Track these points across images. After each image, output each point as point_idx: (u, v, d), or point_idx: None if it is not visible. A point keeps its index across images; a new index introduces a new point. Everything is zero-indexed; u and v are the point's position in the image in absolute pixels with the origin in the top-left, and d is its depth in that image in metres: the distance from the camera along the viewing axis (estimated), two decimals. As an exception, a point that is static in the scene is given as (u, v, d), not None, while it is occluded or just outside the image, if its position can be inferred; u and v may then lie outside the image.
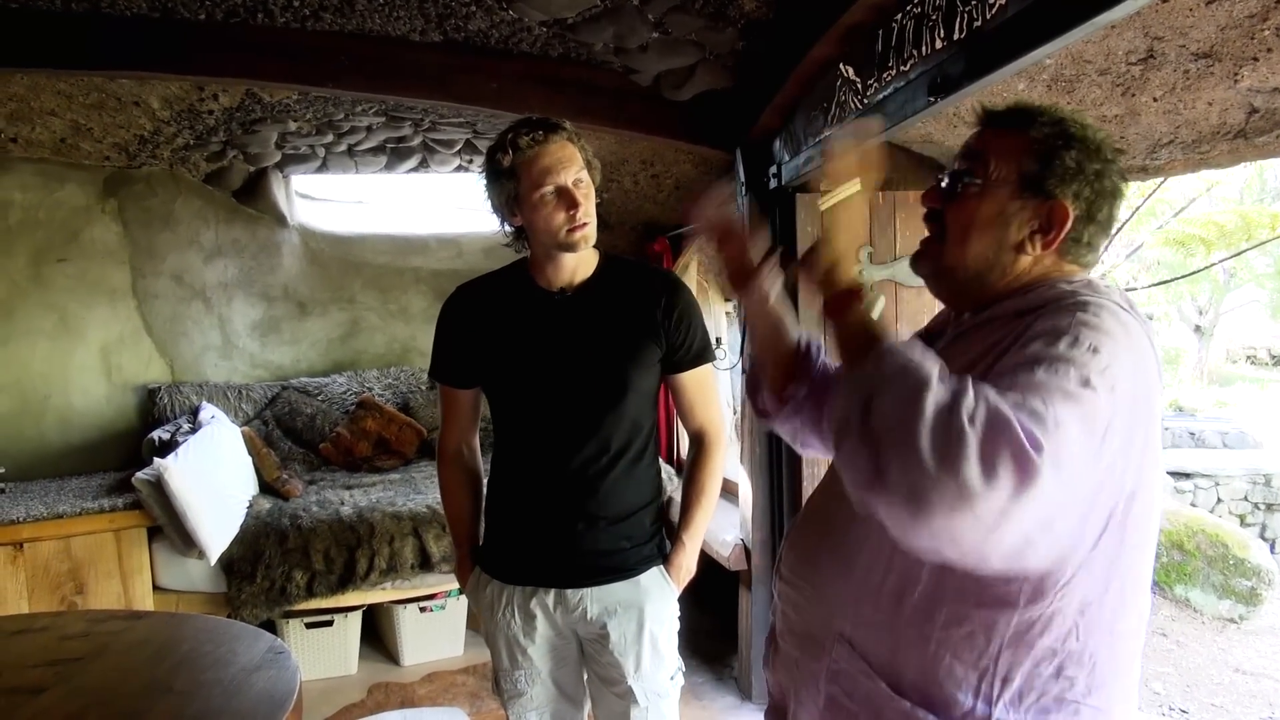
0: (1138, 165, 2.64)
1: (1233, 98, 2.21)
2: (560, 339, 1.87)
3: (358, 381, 4.98)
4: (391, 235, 5.40)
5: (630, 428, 1.90)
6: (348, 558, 3.58)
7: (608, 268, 1.95)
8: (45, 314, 4.32)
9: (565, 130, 1.83)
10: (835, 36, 2.18)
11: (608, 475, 1.88)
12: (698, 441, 2.04)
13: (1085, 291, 1.13)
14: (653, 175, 4.41)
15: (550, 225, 1.80)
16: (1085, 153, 1.17)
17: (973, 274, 1.25)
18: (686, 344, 1.95)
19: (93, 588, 3.48)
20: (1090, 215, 1.18)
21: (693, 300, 1.98)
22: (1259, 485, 7.45)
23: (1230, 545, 5.92)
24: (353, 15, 2.66)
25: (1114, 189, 1.19)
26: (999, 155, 1.21)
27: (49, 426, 4.33)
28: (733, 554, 3.53)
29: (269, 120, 3.99)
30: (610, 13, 2.54)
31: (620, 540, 1.90)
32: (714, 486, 2.03)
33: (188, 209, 4.66)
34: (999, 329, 1.16)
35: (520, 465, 1.95)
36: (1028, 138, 1.20)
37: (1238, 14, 1.88)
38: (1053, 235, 1.18)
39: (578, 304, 1.90)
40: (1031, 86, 2.44)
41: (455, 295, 2.00)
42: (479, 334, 1.93)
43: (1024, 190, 1.19)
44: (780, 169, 2.98)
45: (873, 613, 1.19)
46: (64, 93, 3.54)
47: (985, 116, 1.26)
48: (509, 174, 1.80)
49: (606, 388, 1.87)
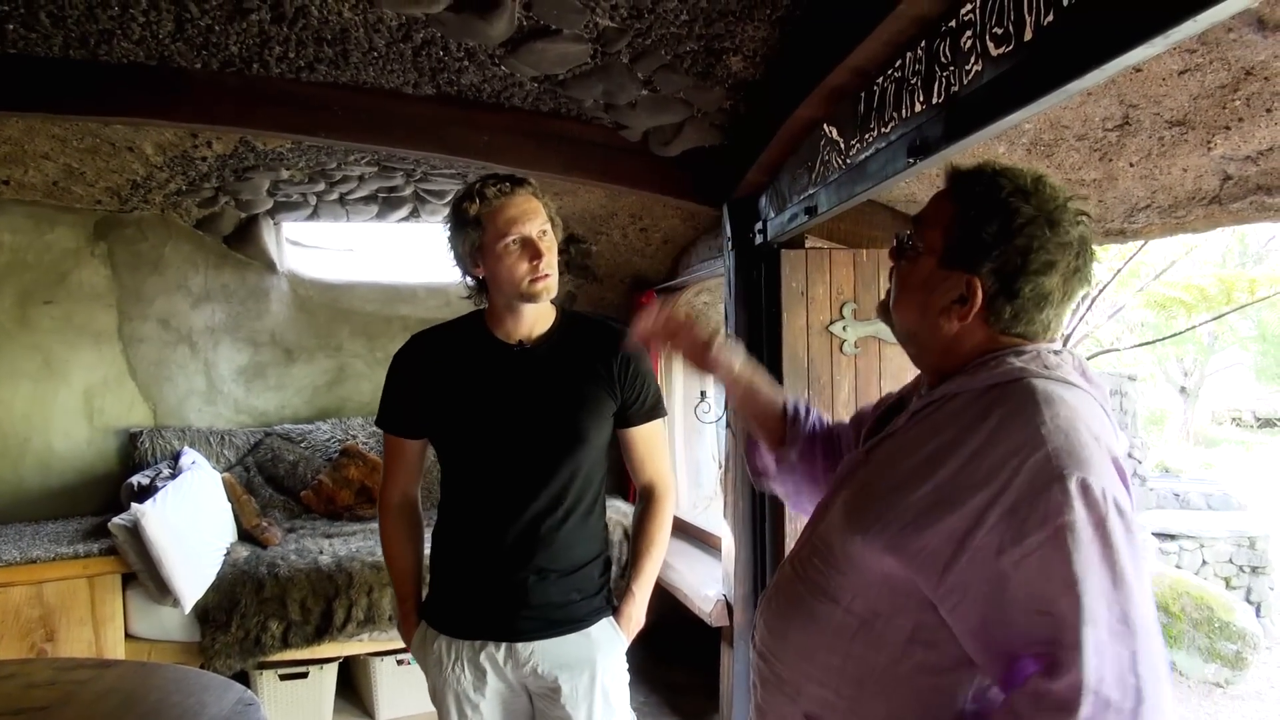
0: (1116, 228, 2.69)
1: (1207, 164, 2.26)
2: (518, 390, 1.89)
3: (342, 429, 4.95)
4: (380, 283, 5.41)
5: (584, 480, 1.92)
6: (325, 607, 3.54)
7: (565, 322, 1.98)
8: (29, 356, 4.30)
9: (531, 185, 1.88)
10: (819, 98, 2.23)
11: (561, 527, 1.89)
12: (648, 494, 2.09)
13: (1032, 370, 1.14)
14: (641, 229, 4.45)
15: (513, 275, 1.82)
16: (1008, 227, 1.15)
17: (907, 335, 1.29)
18: (640, 399, 1.98)
19: (63, 635, 3.42)
20: (1009, 291, 1.16)
21: (647, 356, 2.01)
22: (1244, 548, 7.44)
23: (1216, 608, 5.90)
24: (347, 67, 2.70)
25: (1046, 264, 1.15)
26: (933, 223, 1.23)
27: (28, 469, 4.29)
28: (715, 610, 3.50)
29: (262, 168, 4.03)
30: (600, 70, 2.59)
31: (571, 592, 1.91)
32: (663, 538, 2.07)
33: (178, 253, 4.67)
34: (953, 419, 1.16)
35: (471, 517, 1.94)
36: (956, 206, 1.20)
37: (1209, 84, 1.93)
38: (966, 309, 1.18)
39: (535, 356, 1.92)
40: (1011, 149, 2.49)
41: (410, 344, 2.01)
42: (433, 384, 1.93)
43: (945, 260, 1.20)
44: (766, 225, 3.02)
45: (835, 698, 1.21)
46: (59, 137, 3.57)
47: (946, 177, 1.27)
48: (474, 223, 1.83)
49: (563, 439, 1.89)
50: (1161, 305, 10.39)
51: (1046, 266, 1.15)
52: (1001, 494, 1.04)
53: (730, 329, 3.27)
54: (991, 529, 1.04)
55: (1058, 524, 1.00)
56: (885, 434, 1.29)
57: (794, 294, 3.08)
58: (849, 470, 1.35)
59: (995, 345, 1.20)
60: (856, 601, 1.19)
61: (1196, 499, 9.60)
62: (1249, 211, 2.35)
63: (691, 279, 4.43)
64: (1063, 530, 1.00)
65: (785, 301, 3.07)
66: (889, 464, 1.23)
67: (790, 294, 3.07)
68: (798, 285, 3.08)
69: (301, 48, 2.56)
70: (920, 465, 1.15)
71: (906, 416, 1.26)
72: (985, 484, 1.06)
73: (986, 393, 1.15)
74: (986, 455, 1.08)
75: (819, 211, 2.47)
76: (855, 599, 1.20)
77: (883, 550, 1.14)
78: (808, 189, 2.52)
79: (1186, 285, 9.91)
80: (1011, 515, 1.03)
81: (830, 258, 3.12)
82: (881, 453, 1.27)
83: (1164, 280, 9.42)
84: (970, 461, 1.09)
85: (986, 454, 1.08)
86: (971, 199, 1.19)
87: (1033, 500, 1.02)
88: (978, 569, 1.05)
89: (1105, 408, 1.15)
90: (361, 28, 2.42)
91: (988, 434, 1.09)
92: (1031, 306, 1.18)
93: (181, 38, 2.50)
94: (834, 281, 3.12)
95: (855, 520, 1.21)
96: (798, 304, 3.08)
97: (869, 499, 1.21)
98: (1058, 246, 1.16)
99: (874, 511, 1.18)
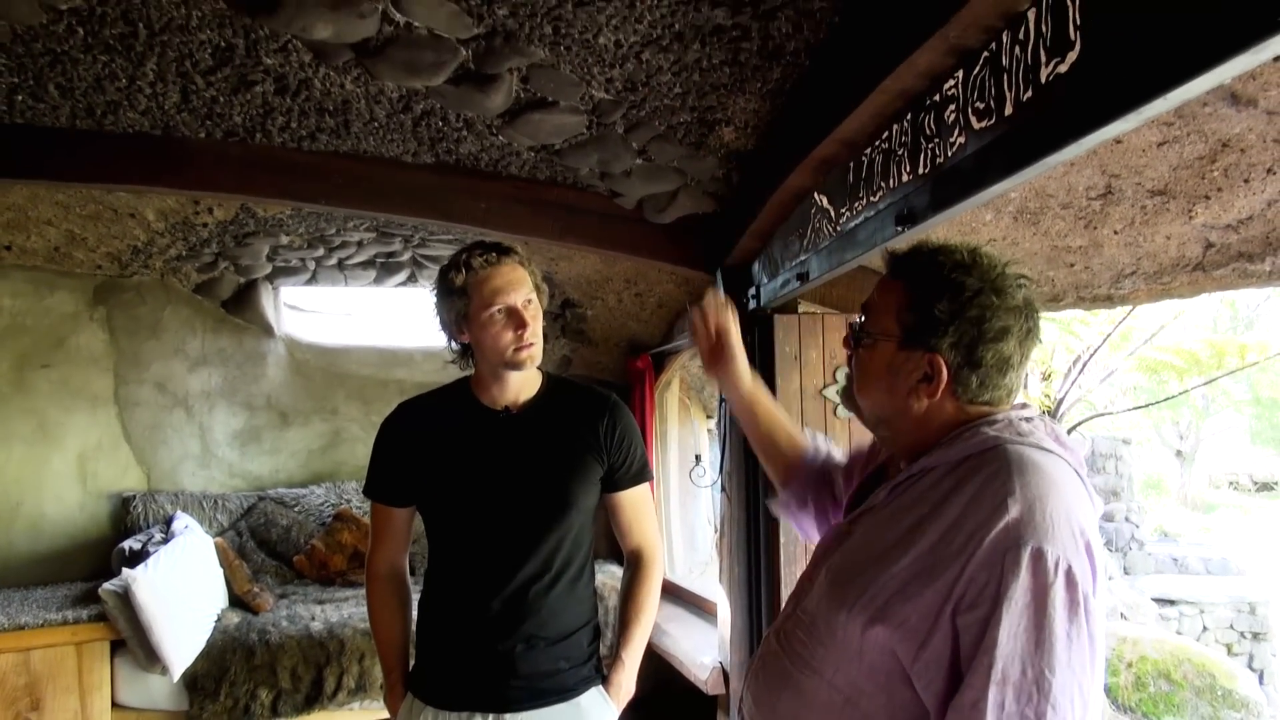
0: (1103, 294, 2.73)
1: (1189, 232, 2.31)
2: (504, 457, 1.89)
3: (336, 493, 4.93)
4: (377, 347, 5.44)
5: (572, 545, 1.91)
6: (316, 675, 3.49)
7: (551, 387, 2.00)
8: (24, 419, 4.30)
9: (517, 254, 1.90)
10: (809, 168, 2.28)
11: (549, 594, 1.88)
12: (635, 560, 2.07)
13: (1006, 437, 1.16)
14: (636, 294, 4.50)
15: (498, 344, 1.84)
16: (958, 301, 1.19)
17: (877, 419, 1.32)
18: (627, 463, 1.99)
19: (49, 704, 3.37)
20: (972, 361, 1.20)
21: (633, 421, 2.03)
22: (1244, 614, 7.38)
23: (1218, 675, 5.83)
24: (348, 137, 2.76)
25: (1001, 330, 1.19)
26: (883, 309, 1.27)
27: (18, 534, 4.26)
28: (710, 677, 3.45)
29: (262, 233, 4.08)
30: (596, 140, 2.65)
31: (559, 661, 1.89)
32: (652, 604, 2.04)
33: (176, 318, 4.71)
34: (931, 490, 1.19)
35: (457, 585, 1.93)
36: (905, 289, 1.24)
37: (1188, 155, 1.99)
38: (934, 385, 1.21)
39: (522, 422, 1.92)
40: (999, 218, 2.54)
41: (396, 412, 2.02)
42: (420, 451, 1.93)
43: (904, 342, 1.23)
44: (759, 291, 3.06)
45: None
46: (62, 203, 3.62)
47: (886, 263, 1.31)
48: (460, 292, 1.86)
49: (551, 505, 1.88)
50: (1153, 369, 10.45)
51: (1002, 332, 1.19)
52: (966, 565, 1.07)
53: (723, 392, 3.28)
54: (957, 601, 1.07)
55: (998, 590, 1.03)
56: (865, 508, 1.31)
57: (787, 358, 3.10)
58: (832, 542, 1.37)
59: (965, 417, 1.23)
60: (839, 676, 1.20)
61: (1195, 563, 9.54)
62: (1232, 278, 2.39)
63: (686, 344, 4.46)
64: (1000, 596, 1.03)
65: (779, 366, 3.09)
66: (871, 538, 1.25)
67: (784, 358, 3.10)
68: (791, 350, 3.10)
69: (304, 118, 2.63)
70: (901, 538, 1.17)
71: (886, 490, 1.28)
72: (956, 557, 1.08)
73: (962, 463, 1.17)
74: (961, 527, 1.10)
75: (810, 278, 2.50)
76: (838, 673, 1.20)
77: (867, 623, 1.15)
78: (799, 255, 2.57)
79: (1177, 350, 9.98)
80: (969, 584, 1.06)
81: (823, 322, 3.15)
82: (863, 526, 1.29)
83: (1155, 344, 9.49)
84: (947, 533, 1.11)
85: (961, 526, 1.10)
86: (917, 280, 1.24)
87: (989, 569, 1.05)
88: (947, 643, 1.07)
89: (1080, 473, 1.17)
90: (363, 99, 2.49)
91: (963, 505, 1.12)
92: (995, 373, 1.21)
93: (186, 108, 2.56)
94: (827, 346, 3.15)
95: (840, 594, 1.22)
96: (791, 368, 3.10)
97: (853, 573, 1.22)
98: (1007, 311, 1.20)
99: (857, 584, 1.19)
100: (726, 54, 2.12)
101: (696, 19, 1.97)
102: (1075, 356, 8.39)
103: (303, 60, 2.26)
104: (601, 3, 1.93)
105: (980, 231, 2.57)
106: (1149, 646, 6.02)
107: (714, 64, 2.17)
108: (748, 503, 3.21)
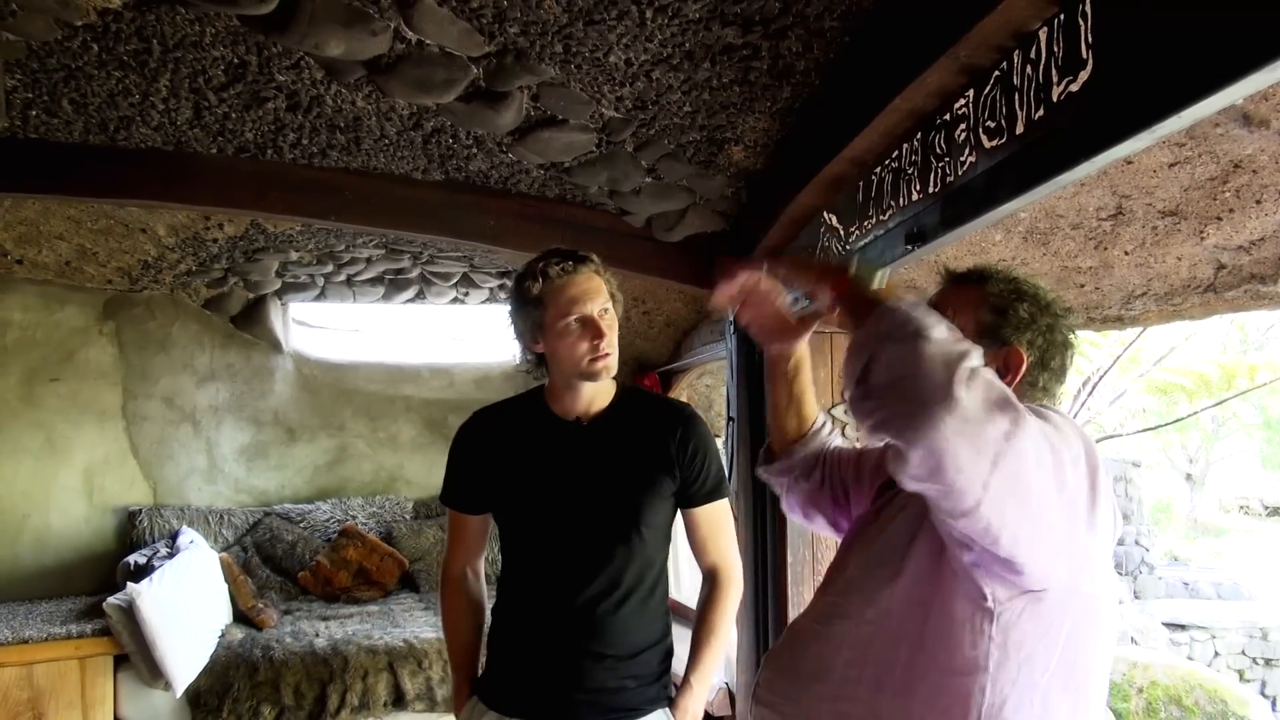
0: (1114, 315, 2.72)
1: (1200, 253, 2.29)
2: (575, 469, 1.85)
3: (342, 509, 4.92)
4: (385, 364, 5.45)
5: (642, 564, 1.85)
6: (319, 692, 3.47)
7: (625, 398, 1.94)
8: (33, 433, 4.31)
9: (593, 262, 1.85)
10: (819, 186, 2.27)
11: (617, 613, 1.82)
12: (710, 579, 1.98)
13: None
14: (644, 312, 4.50)
15: (573, 354, 1.79)
16: (1037, 307, 1.29)
17: None
18: (701, 478, 1.90)
19: (52, 718, 3.35)
20: (1044, 362, 1.29)
21: (708, 434, 1.95)
22: (1256, 639, 7.31)
23: (1230, 702, 5.76)
24: (359, 154, 2.77)
25: (1064, 341, 1.30)
26: (958, 307, 1.30)
27: (24, 547, 4.26)
28: (717, 699, 3.42)
29: (271, 249, 4.10)
30: (605, 158, 2.65)
31: (626, 679, 1.83)
32: (726, 627, 1.95)
33: (185, 333, 4.73)
34: None
35: (526, 596, 1.89)
36: (984, 291, 1.31)
37: (1199, 176, 1.98)
38: (1009, 379, 1.25)
39: (594, 434, 1.88)
40: (1009, 238, 2.53)
41: (471, 420, 1.99)
42: (493, 460, 1.91)
43: (982, 338, 1.25)
44: (767, 309, 3.05)
45: (852, 707, 1.24)
46: (73, 218, 3.64)
47: (946, 275, 1.38)
48: (536, 301, 1.80)
49: (619, 522, 1.83)
50: (1163, 391, 10.41)
51: (1065, 345, 1.30)
52: None
53: (732, 411, 3.27)
54: None
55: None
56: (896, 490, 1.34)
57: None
58: (860, 529, 1.43)
59: None
60: (869, 610, 1.26)
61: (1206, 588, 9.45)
62: (1244, 299, 2.38)
63: (694, 361, 4.46)
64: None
65: (787, 384, 3.07)
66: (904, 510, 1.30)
67: (791, 377, 3.08)
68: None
69: (315, 135, 2.64)
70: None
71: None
72: None
73: None
74: None
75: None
76: (869, 609, 1.26)
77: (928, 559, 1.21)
78: (808, 274, 2.56)
79: (1187, 371, 9.94)
80: None
81: (832, 341, 3.14)
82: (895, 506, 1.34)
83: (1164, 366, 9.46)
84: None
85: None
86: (996, 285, 1.32)
87: None
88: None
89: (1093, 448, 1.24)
90: (374, 116, 2.50)
91: None
92: (1055, 381, 1.31)
93: (199, 124, 2.57)
94: (835, 365, 3.13)
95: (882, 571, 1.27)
96: (799, 387, 3.09)
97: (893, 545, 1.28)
98: (1067, 328, 1.31)
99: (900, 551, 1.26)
100: (737, 73, 2.13)
101: (707, 38, 1.98)
102: (1085, 378, 8.37)
103: (315, 77, 2.28)
104: (612, 21, 1.94)
105: (990, 252, 2.57)
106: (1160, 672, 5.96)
107: (724, 83, 2.18)
108: (754, 522, 3.19)
